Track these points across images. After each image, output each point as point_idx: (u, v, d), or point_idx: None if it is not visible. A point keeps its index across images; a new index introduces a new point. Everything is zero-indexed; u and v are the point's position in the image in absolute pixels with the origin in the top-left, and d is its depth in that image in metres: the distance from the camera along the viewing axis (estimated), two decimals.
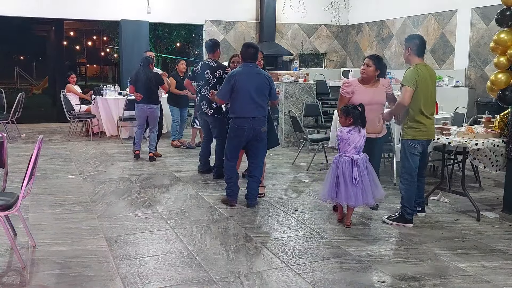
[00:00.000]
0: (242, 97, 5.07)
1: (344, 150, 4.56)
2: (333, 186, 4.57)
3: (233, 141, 5.21)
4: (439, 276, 3.57)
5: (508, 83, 5.08)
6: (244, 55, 5.20)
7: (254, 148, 5.26)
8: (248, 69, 5.15)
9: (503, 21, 5.01)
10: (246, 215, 4.97)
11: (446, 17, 10.61)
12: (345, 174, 4.50)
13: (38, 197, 5.51)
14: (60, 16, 12.43)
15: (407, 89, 4.45)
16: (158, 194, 5.73)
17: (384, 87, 4.95)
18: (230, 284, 3.41)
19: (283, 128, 8.99)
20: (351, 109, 4.58)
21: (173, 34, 19.85)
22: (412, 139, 4.58)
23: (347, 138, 4.55)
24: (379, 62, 4.92)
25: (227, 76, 5.22)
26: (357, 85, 4.93)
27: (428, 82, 4.54)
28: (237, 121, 5.12)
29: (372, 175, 4.61)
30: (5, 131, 8.99)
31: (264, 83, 5.15)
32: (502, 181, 5.46)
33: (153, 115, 7.63)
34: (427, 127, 4.59)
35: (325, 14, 13.52)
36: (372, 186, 4.57)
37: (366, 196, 4.53)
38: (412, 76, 4.46)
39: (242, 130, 5.10)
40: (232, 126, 5.18)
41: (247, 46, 5.22)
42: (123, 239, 4.25)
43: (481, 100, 9.31)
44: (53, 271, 3.59)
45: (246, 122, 5.08)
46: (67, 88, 10.29)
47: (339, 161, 4.56)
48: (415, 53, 4.57)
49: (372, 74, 4.88)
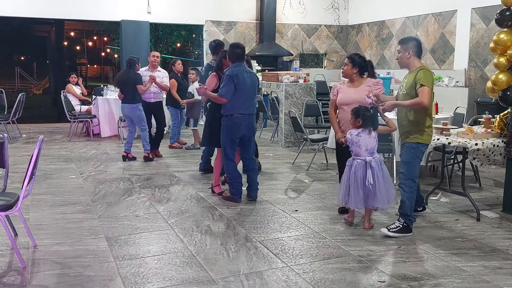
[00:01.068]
0: (242, 95, 5.24)
1: (357, 153, 4.49)
2: (347, 189, 4.49)
3: (231, 139, 5.34)
4: (439, 276, 3.57)
5: (509, 83, 5.08)
6: (232, 55, 5.34)
7: (247, 143, 5.45)
8: (242, 69, 5.33)
9: (503, 21, 5.01)
10: (246, 215, 4.98)
11: (446, 17, 10.61)
12: (358, 177, 4.41)
13: (39, 197, 5.52)
14: (61, 16, 12.46)
15: (427, 89, 4.24)
16: (158, 194, 5.74)
17: (367, 86, 4.75)
18: (230, 284, 3.41)
19: (283, 128, 9.00)
20: (361, 111, 4.47)
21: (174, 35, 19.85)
22: (424, 144, 4.43)
23: (357, 140, 4.46)
24: (355, 61, 4.78)
25: (229, 76, 5.24)
26: (343, 85, 4.91)
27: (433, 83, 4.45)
28: (234, 119, 5.26)
29: (388, 179, 4.47)
30: (5, 131, 9.01)
31: (255, 81, 5.46)
32: (502, 181, 5.46)
33: (133, 115, 7.49)
34: (432, 131, 4.53)
35: (325, 14, 13.54)
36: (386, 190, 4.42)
37: (377, 199, 4.39)
38: (431, 76, 4.32)
39: (239, 127, 5.28)
40: (228, 124, 5.29)
41: (234, 47, 5.36)
42: (124, 239, 4.26)
43: (480, 100, 9.32)
44: (54, 271, 3.60)
45: (243, 119, 5.28)
46: (67, 88, 10.31)
47: (353, 164, 4.48)
48: (416, 55, 4.43)
49: (349, 73, 4.79)
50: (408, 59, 4.43)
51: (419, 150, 4.41)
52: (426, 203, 5.30)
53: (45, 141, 8.67)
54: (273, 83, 9.29)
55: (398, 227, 4.39)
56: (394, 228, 4.39)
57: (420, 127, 4.38)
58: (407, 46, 4.44)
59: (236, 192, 5.41)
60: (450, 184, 5.82)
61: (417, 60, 4.44)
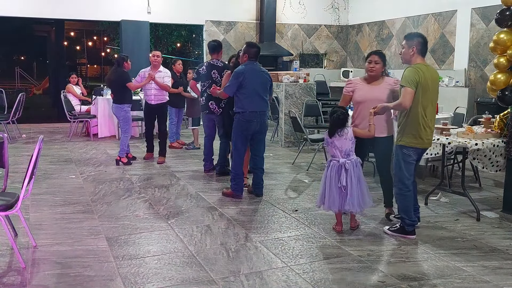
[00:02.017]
0: (251, 92, 5.42)
1: (332, 154, 4.42)
2: (323, 191, 4.44)
3: (242, 136, 5.51)
4: (439, 276, 3.58)
5: (507, 83, 5.09)
6: (248, 53, 5.50)
7: (258, 140, 5.63)
8: (253, 66, 5.49)
9: (503, 21, 5.01)
10: (246, 215, 4.98)
11: (446, 17, 10.61)
12: (332, 179, 4.35)
13: (39, 197, 5.52)
14: (61, 16, 12.45)
15: (407, 90, 4.07)
16: (158, 194, 5.74)
17: (389, 85, 4.68)
18: (230, 284, 3.41)
19: (283, 128, 9.00)
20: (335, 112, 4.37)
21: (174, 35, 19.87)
22: (407, 146, 4.23)
23: (331, 141, 4.39)
24: (384, 59, 4.71)
25: (235, 73, 5.47)
26: (359, 83, 4.78)
27: (428, 84, 4.16)
28: (246, 116, 5.43)
29: (362, 182, 4.36)
30: (5, 131, 9.01)
31: (267, 79, 5.61)
32: (502, 181, 5.46)
33: (118, 115, 7.37)
34: (426, 135, 4.22)
35: (325, 14, 13.54)
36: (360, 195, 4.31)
37: (349, 203, 4.29)
38: (413, 76, 4.10)
39: (250, 124, 5.45)
40: (240, 121, 5.46)
41: (251, 46, 5.57)
42: (124, 239, 4.26)
43: (481, 100, 9.32)
44: (54, 271, 3.60)
45: (254, 115, 5.45)
46: (67, 88, 10.31)
47: (329, 165, 4.42)
48: (420, 53, 4.23)
49: (380, 71, 4.68)
50: (411, 56, 4.25)
51: (402, 153, 4.24)
52: (426, 203, 5.30)
53: (45, 141, 8.68)
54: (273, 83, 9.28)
55: (396, 227, 4.43)
56: (393, 228, 4.44)
57: (407, 129, 4.21)
58: (412, 42, 4.24)
59: (239, 188, 5.58)
60: (450, 184, 5.82)
61: (420, 58, 4.25)
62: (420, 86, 4.11)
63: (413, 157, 4.27)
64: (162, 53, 8.09)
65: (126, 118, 7.32)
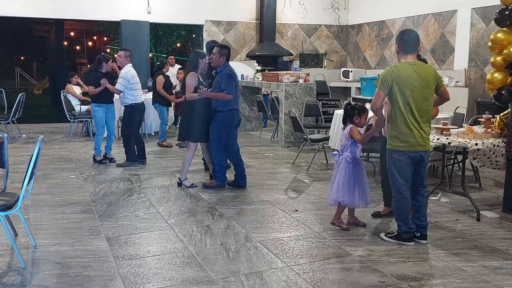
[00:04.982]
0: (235, 91, 5.87)
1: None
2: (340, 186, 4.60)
3: (223, 131, 5.83)
4: (439, 276, 3.58)
5: (504, 82, 5.09)
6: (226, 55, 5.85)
7: (235, 135, 6.04)
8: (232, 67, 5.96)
9: (502, 21, 5.01)
10: (246, 215, 4.98)
11: (446, 17, 10.61)
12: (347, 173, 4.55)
13: (39, 197, 5.52)
14: (61, 16, 12.46)
15: (376, 91, 4.01)
16: (158, 194, 5.74)
17: None
18: (230, 284, 3.41)
19: (283, 128, 8.99)
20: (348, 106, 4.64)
21: (173, 35, 19.87)
22: (395, 150, 4.07)
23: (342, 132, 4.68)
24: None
25: (230, 75, 5.78)
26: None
27: (414, 83, 3.94)
28: (230, 113, 5.85)
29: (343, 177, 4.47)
30: (5, 131, 9.01)
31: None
32: (502, 181, 5.46)
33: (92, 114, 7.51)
34: (413, 136, 3.99)
35: (325, 14, 13.53)
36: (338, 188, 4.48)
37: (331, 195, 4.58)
38: (383, 76, 3.99)
39: (235, 120, 5.94)
40: (227, 119, 5.82)
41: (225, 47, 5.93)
42: (124, 239, 4.26)
43: (481, 100, 9.31)
44: (54, 271, 3.60)
45: (237, 112, 6.02)
46: (67, 88, 10.30)
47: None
48: (403, 50, 4.08)
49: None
50: (397, 56, 4.17)
51: (392, 158, 4.11)
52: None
53: (45, 141, 8.67)
54: (273, 83, 9.28)
55: (393, 233, 4.29)
56: (389, 234, 4.31)
57: (391, 132, 4.09)
58: (396, 40, 4.18)
59: (223, 178, 5.94)
60: (450, 184, 5.82)
61: (406, 56, 4.08)
62: (395, 86, 3.95)
63: (404, 162, 4.04)
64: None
65: (96, 118, 7.43)
